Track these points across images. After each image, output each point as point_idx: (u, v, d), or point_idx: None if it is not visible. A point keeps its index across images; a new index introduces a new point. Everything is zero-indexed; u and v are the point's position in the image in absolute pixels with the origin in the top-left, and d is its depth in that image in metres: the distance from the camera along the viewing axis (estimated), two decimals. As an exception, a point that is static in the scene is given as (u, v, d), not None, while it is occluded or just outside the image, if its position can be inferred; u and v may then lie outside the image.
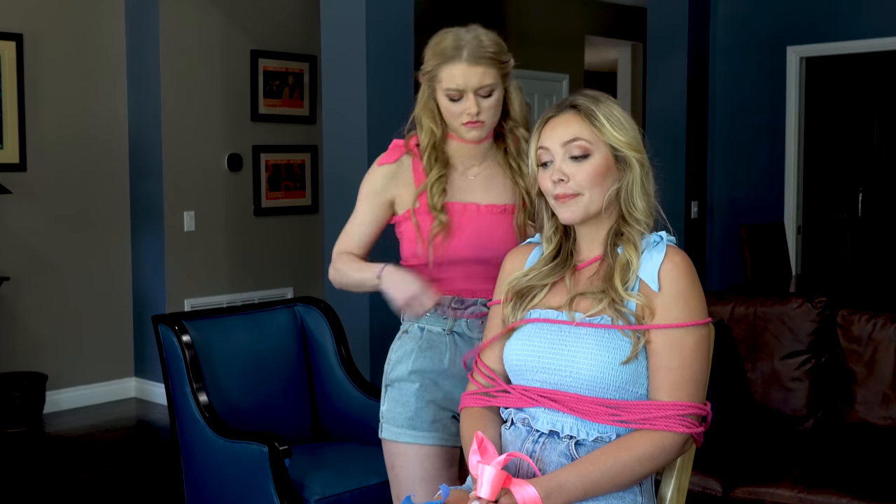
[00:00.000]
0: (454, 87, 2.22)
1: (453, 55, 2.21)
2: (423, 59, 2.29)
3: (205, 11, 6.13)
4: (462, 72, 2.21)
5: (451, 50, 2.22)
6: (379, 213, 2.38)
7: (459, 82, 2.21)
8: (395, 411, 2.32)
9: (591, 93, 1.88)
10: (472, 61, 2.21)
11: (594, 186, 1.82)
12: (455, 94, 2.23)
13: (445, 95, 2.24)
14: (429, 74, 2.27)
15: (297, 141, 6.70)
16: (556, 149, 1.83)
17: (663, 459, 1.76)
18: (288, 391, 3.57)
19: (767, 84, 7.01)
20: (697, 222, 6.88)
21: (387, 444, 2.34)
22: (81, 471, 4.74)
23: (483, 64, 2.21)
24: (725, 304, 3.90)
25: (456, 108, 2.24)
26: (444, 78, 2.23)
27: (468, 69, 2.20)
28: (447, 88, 2.23)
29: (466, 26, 2.28)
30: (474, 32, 2.26)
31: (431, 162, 2.31)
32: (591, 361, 1.77)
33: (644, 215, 1.84)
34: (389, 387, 2.35)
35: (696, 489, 3.27)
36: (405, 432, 2.30)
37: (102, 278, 6.06)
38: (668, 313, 1.77)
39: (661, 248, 1.81)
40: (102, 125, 6.03)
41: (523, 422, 1.85)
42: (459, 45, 2.22)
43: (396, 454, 2.32)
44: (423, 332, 2.33)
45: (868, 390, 3.62)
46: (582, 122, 1.83)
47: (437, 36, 2.28)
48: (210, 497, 3.31)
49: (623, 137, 1.82)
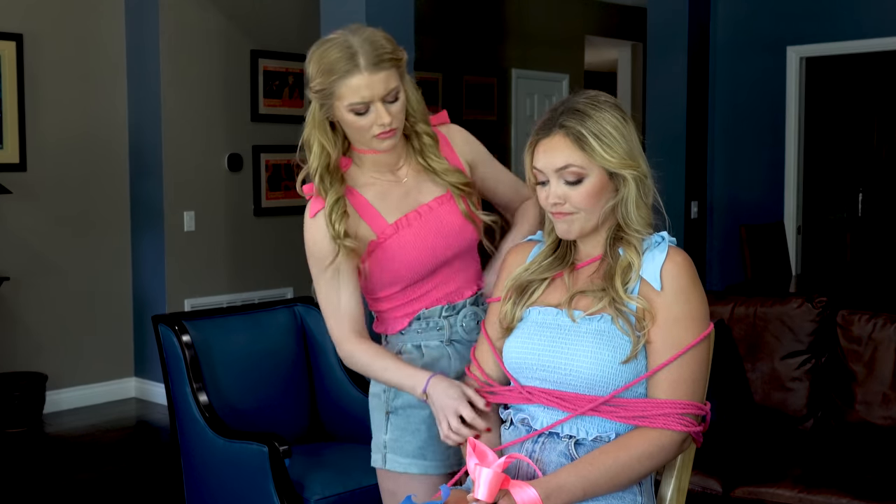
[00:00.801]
0: (359, 100, 1.99)
1: (349, 66, 1.97)
2: (309, 77, 2.05)
3: (205, 11, 6.13)
4: (365, 82, 1.97)
5: (345, 61, 1.97)
6: (345, 271, 2.11)
7: (365, 94, 1.98)
8: (402, 441, 2.14)
9: (581, 102, 1.81)
10: (372, 69, 1.97)
11: (589, 207, 1.81)
12: (361, 107, 2.00)
13: (350, 111, 2.01)
14: (322, 93, 2.02)
15: (298, 141, 6.66)
16: (550, 174, 1.82)
17: (662, 458, 1.76)
18: (288, 391, 3.57)
19: (767, 84, 7.01)
20: (697, 222, 6.88)
21: (388, 475, 2.17)
22: (81, 471, 4.74)
23: (384, 68, 1.98)
24: (725, 304, 3.90)
25: (364, 121, 2.02)
26: (344, 93, 1.99)
27: (371, 78, 1.97)
28: (351, 104, 2.00)
29: (348, 28, 2.05)
30: (361, 34, 2.01)
31: (326, 186, 2.08)
32: (591, 360, 1.77)
33: (640, 225, 1.83)
34: (392, 414, 2.16)
35: (696, 489, 3.27)
36: (415, 463, 2.13)
37: (102, 278, 6.06)
38: (670, 311, 1.77)
39: (662, 248, 1.81)
40: (102, 125, 6.03)
41: (522, 422, 1.85)
42: (353, 54, 1.97)
43: (401, 484, 2.15)
44: (421, 350, 2.17)
45: (868, 390, 3.62)
46: (572, 147, 1.78)
47: (318, 48, 2.03)
48: (210, 497, 3.31)
49: (614, 157, 1.78)
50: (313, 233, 2.12)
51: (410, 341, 2.18)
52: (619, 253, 1.83)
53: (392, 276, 2.13)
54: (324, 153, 2.10)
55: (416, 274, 2.12)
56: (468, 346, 2.17)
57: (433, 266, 2.13)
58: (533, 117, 8.29)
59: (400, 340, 2.20)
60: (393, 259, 2.11)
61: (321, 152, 2.10)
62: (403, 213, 2.12)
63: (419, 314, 2.16)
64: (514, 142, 8.15)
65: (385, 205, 2.13)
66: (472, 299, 2.20)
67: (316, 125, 2.09)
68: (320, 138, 2.09)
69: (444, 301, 2.16)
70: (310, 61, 2.04)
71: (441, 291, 2.17)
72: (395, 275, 2.12)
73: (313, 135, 2.10)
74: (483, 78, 7.76)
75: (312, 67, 2.03)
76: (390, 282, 2.14)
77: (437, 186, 2.17)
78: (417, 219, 2.12)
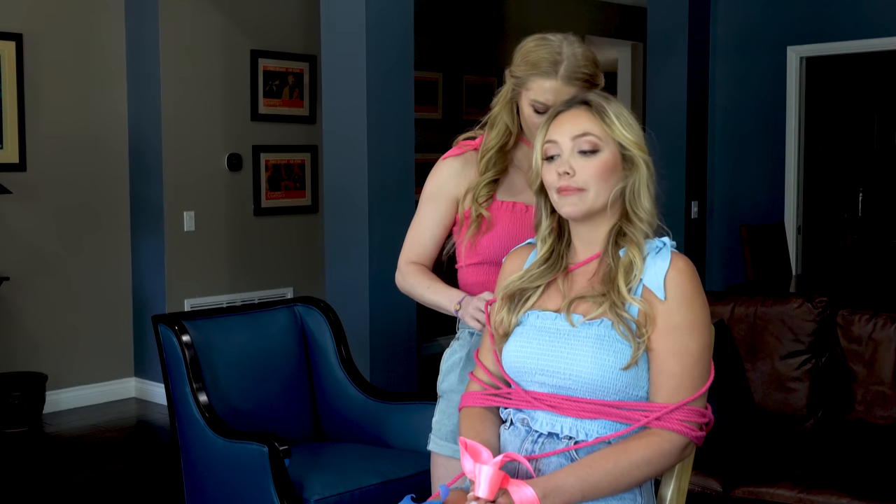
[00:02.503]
0: (542, 101, 2.15)
1: (548, 70, 2.13)
2: (514, 60, 2.22)
3: (205, 11, 6.13)
4: (554, 89, 2.13)
5: (548, 64, 2.14)
6: (445, 213, 2.32)
7: (549, 98, 2.14)
8: (441, 423, 2.29)
9: (597, 93, 1.90)
10: (566, 81, 2.13)
11: (600, 182, 1.81)
12: (541, 107, 2.15)
13: (531, 105, 2.17)
14: (518, 80, 2.19)
15: (297, 141, 6.70)
16: (565, 142, 1.83)
17: (662, 465, 1.76)
18: (288, 391, 3.57)
19: (767, 84, 7.01)
20: (697, 222, 6.88)
21: (433, 457, 2.31)
22: (81, 471, 4.74)
23: (577, 85, 2.14)
24: (725, 304, 3.90)
25: (538, 120, 2.16)
26: (533, 88, 2.16)
27: (561, 87, 2.13)
28: (534, 100, 2.16)
29: (563, 35, 2.20)
30: (572, 47, 2.17)
31: (489, 164, 2.25)
32: (591, 364, 1.76)
33: (649, 215, 1.83)
34: (441, 398, 2.32)
35: (696, 489, 3.27)
36: (447, 445, 2.26)
37: (102, 278, 6.06)
38: (673, 319, 1.76)
39: (665, 255, 1.80)
40: (102, 125, 6.03)
41: (522, 422, 1.85)
42: (556, 61, 2.14)
43: (437, 465, 2.29)
44: (473, 337, 2.28)
45: (868, 390, 3.62)
46: (592, 118, 1.84)
47: (531, 41, 2.20)
48: (210, 497, 3.31)
49: (632, 136, 1.83)
50: (439, 172, 2.32)
51: (466, 327, 2.27)
52: (620, 254, 1.82)
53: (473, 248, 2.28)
54: (506, 133, 2.26)
55: (489, 249, 2.25)
56: None
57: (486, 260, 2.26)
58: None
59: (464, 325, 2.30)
60: (484, 232, 2.25)
61: (504, 131, 2.26)
62: (513, 200, 2.27)
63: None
64: (514, 142, 8.14)
65: (504, 185, 2.29)
66: None
67: (505, 105, 2.26)
68: (506, 118, 2.26)
69: None
70: (520, 48, 2.21)
71: None
72: (476, 247, 2.26)
73: (502, 113, 2.27)
74: (483, 78, 7.77)
75: (520, 55, 2.20)
76: (468, 252, 2.29)
77: None
78: (522, 211, 2.26)
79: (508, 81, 2.23)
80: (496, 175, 2.25)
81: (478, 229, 2.24)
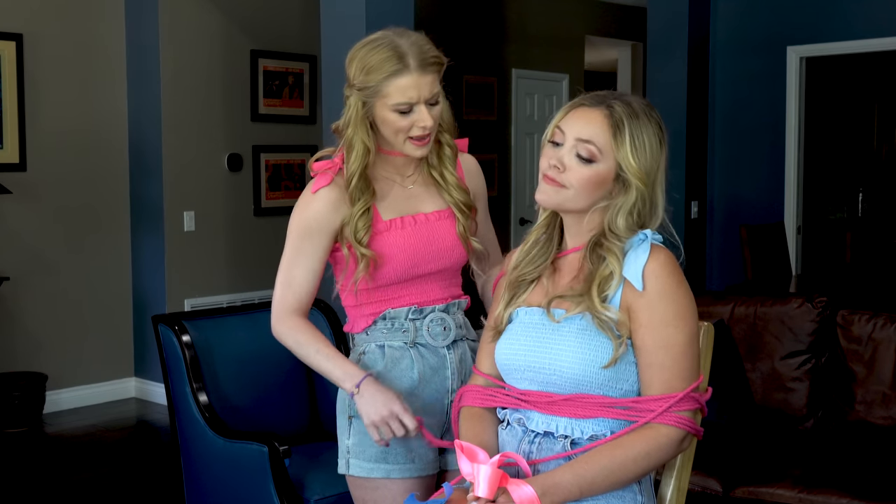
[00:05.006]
0: (405, 100, 2.01)
1: (399, 66, 1.99)
2: (350, 75, 2.06)
3: (205, 11, 6.13)
4: (414, 83, 2.00)
5: (395, 61, 1.99)
6: (328, 247, 2.13)
7: (412, 94, 2.01)
8: (364, 444, 2.13)
9: (638, 103, 1.80)
10: (421, 70, 2.01)
11: (583, 191, 1.79)
12: (405, 107, 2.02)
13: (394, 110, 2.02)
14: (368, 91, 2.02)
15: (297, 141, 6.70)
16: (570, 139, 1.79)
17: (660, 458, 1.75)
18: (288, 391, 3.57)
19: (767, 84, 7.01)
20: (697, 222, 6.88)
21: (356, 481, 2.16)
22: (81, 471, 4.74)
23: (431, 71, 2.03)
24: (725, 304, 3.90)
25: (405, 122, 2.03)
26: (391, 93, 2.01)
27: (419, 79, 2.01)
28: (397, 103, 2.01)
29: (385, 31, 2.07)
30: (408, 37, 2.04)
31: (359, 193, 2.08)
32: (574, 360, 1.76)
33: (624, 233, 1.79)
34: (355, 418, 2.14)
35: (696, 489, 3.27)
36: (378, 467, 2.11)
37: (102, 278, 6.06)
38: (653, 312, 1.76)
39: (645, 248, 1.78)
40: (102, 125, 6.04)
41: (518, 422, 1.85)
42: (402, 54, 2.00)
43: (369, 489, 2.13)
44: (384, 350, 2.15)
45: (868, 390, 3.62)
46: (605, 128, 1.77)
47: (362, 47, 2.05)
48: (210, 497, 3.31)
49: (636, 164, 1.76)
50: (314, 205, 2.11)
51: (374, 341, 2.17)
52: (602, 258, 1.80)
53: (372, 279, 2.13)
54: (366, 153, 2.08)
55: (391, 277, 2.12)
56: (433, 350, 2.17)
57: (411, 275, 2.14)
58: (533, 117, 8.29)
59: (364, 341, 2.20)
60: (378, 266, 2.11)
61: (364, 152, 2.08)
62: (399, 215, 2.13)
63: (385, 313, 2.16)
64: (513, 142, 8.15)
65: (384, 203, 2.14)
66: (444, 307, 2.18)
67: (358, 125, 2.07)
68: (363, 138, 2.08)
69: (414, 304, 2.16)
70: (352, 59, 2.05)
71: (413, 299, 2.16)
72: (376, 278, 2.12)
73: (357, 134, 2.08)
74: (483, 78, 7.76)
75: (356, 65, 2.04)
76: (365, 285, 2.13)
77: (441, 201, 2.18)
78: (412, 224, 2.13)
79: (354, 97, 2.06)
80: (367, 203, 2.08)
81: (368, 267, 2.09)
